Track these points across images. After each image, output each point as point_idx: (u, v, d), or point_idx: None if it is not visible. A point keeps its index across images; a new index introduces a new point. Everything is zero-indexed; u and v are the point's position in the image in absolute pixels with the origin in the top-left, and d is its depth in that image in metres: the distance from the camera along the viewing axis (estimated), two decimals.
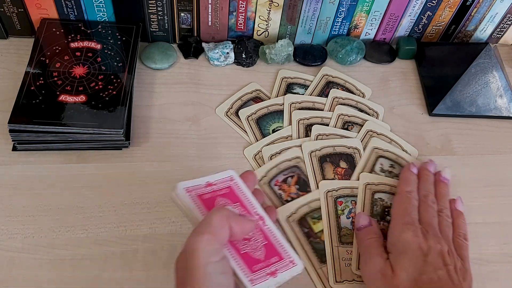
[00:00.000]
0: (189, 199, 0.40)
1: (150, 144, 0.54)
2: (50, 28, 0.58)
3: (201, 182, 0.41)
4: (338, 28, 0.64)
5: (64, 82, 0.53)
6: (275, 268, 0.39)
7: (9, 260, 0.45)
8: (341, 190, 0.52)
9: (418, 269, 0.43)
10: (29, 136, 0.50)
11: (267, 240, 0.41)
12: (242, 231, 0.38)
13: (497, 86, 0.60)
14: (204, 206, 0.40)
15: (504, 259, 0.50)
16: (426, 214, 0.48)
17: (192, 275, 0.34)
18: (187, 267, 0.35)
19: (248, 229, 0.39)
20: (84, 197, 0.49)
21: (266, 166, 0.53)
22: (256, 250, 0.40)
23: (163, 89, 0.59)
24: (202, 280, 0.34)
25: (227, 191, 0.42)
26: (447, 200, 0.51)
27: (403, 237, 0.45)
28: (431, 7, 0.62)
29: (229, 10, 0.60)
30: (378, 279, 0.44)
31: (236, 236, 0.38)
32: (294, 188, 0.52)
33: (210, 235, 0.36)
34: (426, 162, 0.54)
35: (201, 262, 0.35)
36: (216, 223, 0.37)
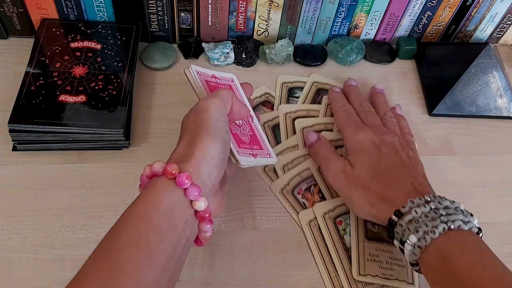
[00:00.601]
0: (198, 79, 0.47)
1: (150, 144, 0.54)
2: (50, 28, 0.58)
3: (209, 72, 0.49)
4: (338, 28, 0.64)
5: (64, 82, 0.53)
6: (256, 153, 0.47)
7: (9, 260, 0.45)
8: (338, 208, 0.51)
9: (375, 159, 0.47)
10: (29, 136, 0.50)
11: (253, 132, 0.48)
12: (240, 112, 0.45)
13: (497, 86, 0.60)
14: (209, 88, 0.47)
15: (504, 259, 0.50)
16: (367, 118, 0.52)
17: (204, 126, 0.39)
18: (199, 121, 0.40)
19: (244, 112, 0.46)
20: (84, 197, 0.49)
21: (289, 174, 0.52)
22: (243, 135, 0.47)
23: (163, 89, 0.59)
24: (213, 131, 0.39)
25: (227, 87, 0.48)
26: (387, 106, 0.55)
27: (357, 139, 0.49)
28: (431, 7, 0.62)
29: (229, 10, 0.60)
30: (341, 177, 0.47)
31: (233, 114, 0.44)
32: (317, 196, 0.51)
33: (220, 100, 0.42)
34: (346, 80, 0.58)
35: (212, 117, 0.40)
36: (224, 95, 0.42)
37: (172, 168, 0.36)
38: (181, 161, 0.37)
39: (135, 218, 0.34)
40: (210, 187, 0.38)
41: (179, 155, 0.39)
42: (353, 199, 0.46)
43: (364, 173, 0.46)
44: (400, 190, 0.44)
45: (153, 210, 0.34)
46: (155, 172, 0.37)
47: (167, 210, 0.35)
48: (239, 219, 0.49)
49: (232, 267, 0.47)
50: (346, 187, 0.47)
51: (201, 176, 0.37)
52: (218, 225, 0.49)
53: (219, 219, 0.49)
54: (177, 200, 0.36)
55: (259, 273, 0.46)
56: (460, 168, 0.56)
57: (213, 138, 0.39)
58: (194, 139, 0.38)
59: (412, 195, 0.42)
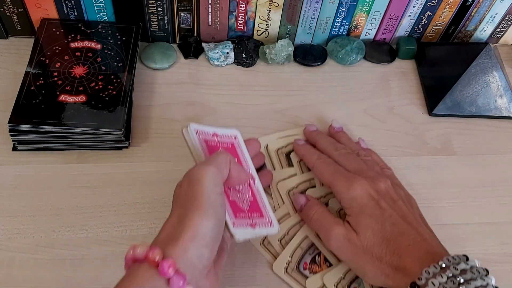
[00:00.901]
0: (197, 140, 0.43)
1: (150, 144, 0.54)
2: (50, 28, 0.58)
3: (209, 131, 0.45)
4: (338, 28, 0.64)
5: (64, 82, 0.53)
6: (255, 222, 0.43)
7: (9, 260, 0.45)
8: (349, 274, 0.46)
9: (378, 220, 0.43)
10: (29, 136, 0.50)
11: (253, 197, 0.44)
12: (238, 178, 0.41)
13: (497, 86, 0.60)
14: (207, 150, 0.43)
15: (504, 259, 0.50)
16: (349, 163, 0.48)
17: (196, 200, 0.36)
18: (192, 194, 0.36)
19: (243, 178, 0.42)
20: (84, 197, 0.49)
21: (289, 249, 0.47)
22: (242, 201, 0.43)
23: (163, 89, 0.59)
24: (206, 206, 0.36)
25: (228, 146, 0.46)
26: (355, 144, 0.53)
27: (352, 195, 0.44)
28: (431, 7, 0.62)
29: (229, 10, 0.60)
30: (346, 246, 0.43)
31: (231, 180, 0.40)
32: (325, 266, 0.47)
33: (216, 168, 0.38)
34: (305, 128, 0.55)
35: (206, 190, 0.36)
36: (221, 161, 0.39)
37: (155, 254, 0.33)
38: (167, 242, 0.34)
39: None
40: (200, 270, 0.35)
41: (166, 235, 0.35)
42: (366, 270, 0.42)
43: (371, 240, 0.42)
44: (412, 255, 0.40)
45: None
46: (137, 257, 0.33)
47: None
48: None
49: (232, 267, 0.47)
50: (354, 257, 0.43)
51: (189, 259, 0.34)
52: None
53: None
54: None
55: (259, 273, 0.46)
56: (460, 168, 0.56)
57: (204, 214, 0.35)
58: (184, 216, 0.35)
59: (424, 261, 0.39)
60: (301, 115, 0.58)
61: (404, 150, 0.57)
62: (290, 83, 0.62)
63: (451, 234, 0.50)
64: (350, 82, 0.63)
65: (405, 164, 0.55)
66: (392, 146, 0.57)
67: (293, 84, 0.62)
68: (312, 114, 0.59)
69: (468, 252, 0.49)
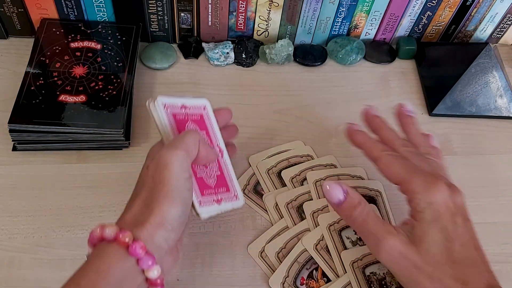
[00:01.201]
0: (165, 115, 0.41)
1: (150, 144, 0.54)
2: (50, 28, 0.58)
3: (177, 103, 0.43)
4: (338, 28, 0.64)
5: (64, 82, 0.53)
6: (221, 197, 0.43)
7: (9, 260, 0.45)
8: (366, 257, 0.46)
9: (449, 237, 0.37)
10: (29, 136, 0.50)
11: (221, 171, 0.44)
12: (206, 158, 0.40)
13: (497, 86, 0.60)
14: (176, 124, 0.42)
15: (504, 259, 0.50)
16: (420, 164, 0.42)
17: (164, 187, 0.35)
18: (159, 179, 0.36)
19: (211, 158, 0.41)
20: (84, 197, 0.49)
21: (286, 263, 0.46)
22: (209, 177, 0.43)
23: (163, 89, 0.59)
24: (173, 193, 0.35)
25: (197, 118, 0.44)
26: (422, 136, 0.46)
27: (432, 199, 0.38)
28: (431, 7, 0.62)
29: (229, 10, 0.60)
30: (400, 261, 0.38)
31: (199, 160, 0.39)
32: (322, 282, 0.45)
33: (185, 152, 0.37)
34: (365, 110, 0.47)
35: (173, 176, 0.36)
36: (189, 142, 0.38)
37: (125, 236, 0.33)
38: (135, 224, 0.35)
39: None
40: (166, 250, 0.35)
41: (133, 217, 0.35)
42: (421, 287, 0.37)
43: (434, 258, 0.37)
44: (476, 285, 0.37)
45: (102, 281, 0.32)
46: (106, 237, 0.34)
47: (117, 282, 0.33)
48: (239, 219, 0.49)
49: (232, 267, 0.47)
50: (409, 273, 0.38)
51: (156, 242, 0.34)
52: (218, 225, 0.49)
53: (219, 218, 0.49)
54: (129, 269, 0.33)
55: (259, 273, 0.46)
56: (460, 168, 0.56)
57: (172, 201, 0.35)
58: (152, 201, 0.35)
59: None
60: (301, 115, 0.58)
61: None
62: (290, 83, 0.62)
63: None
64: (350, 82, 0.63)
65: None
66: None
67: (293, 84, 0.62)
68: (312, 114, 0.59)
69: None
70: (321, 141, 0.56)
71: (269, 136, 0.56)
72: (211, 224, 0.49)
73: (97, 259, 0.33)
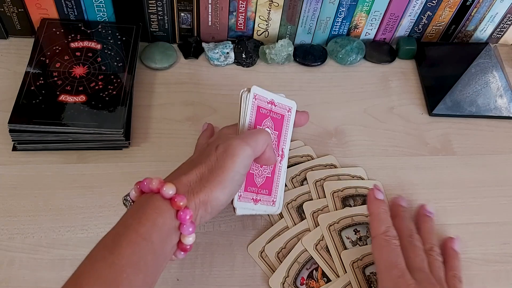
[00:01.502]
0: (251, 104, 0.45)
1: (150, 144, 0.54)
2: (50, 28, 0.58)
3: (267, 97, 0.46)
4: (338, 28, 0.64)
5: (64, 82, 0.53)
6: (260, 198, 0.45)
7: (9, 260, 0.45)
8: (366, 257, 0.47)
9: None
10: (29, 136, 0.50)
11: (272, 174, 0.46)
12: (266, 161, 0.43)
13: (497, 86, 0.60)
14: (256, 117, 0.45)
15: (504, 259, 0.50)
16: (415, 258, 0.43)
17: (222, 172, 0.38)
18: (222, 165, 0.39)
19: (270, 162, 0.44)
20: (84, 197, 0.49)
21: (286, 263, 0.46)
22: (259, 176, 0.45)
23: (163, 89, 0.59)
24: (226, 182, 0.38)
25: (278, 117, 0.47)
26: (435, 238, 0.47)
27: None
28: (431, 7, 0.62)
29: (229, 10, 0.60)
30: None
31: (259, 160, 0.43)
32: (322, 282, 0.45)
33: (252, 151, 0.40)
34: (397, 197, 0.50)
35: (235, 168, 0.39)
36: (260, 142, 0.41)
37: (179, 201, 0.36)
38: (187, 190, 0.38)
39: (140, 237, 0.34)
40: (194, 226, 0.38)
41: (188, 183, 0.38)
42: None
43: None
44: None
45: (156, 233, 0.35)
46: (164, 195, 0.37)
47: (166, 236, 0.36)
48: (239, 219, 0.49)
49: (232, 267, 0.47)
50: None
51: (195, 216, 0.38)
52: (218, 225, 0.49)
53: (219, 218, 0.49)
54: (174, 229, 0.37)
55: (259, 273, 0.46)
56: (460, 168, 0.56)
57: (223, 189, 0.38)
58: (207, 180, 0.38)
59: None
60: None
61: (404, 150, 0.57)
62: (290, 83, 0.62)
63: (451, 234, 0.50)
64: (350, 82, 0.63)
65: (405, 164, 0.55)
66: (392, 146, 0.57)
67: (293, 84, 0.62)
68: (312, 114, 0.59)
69: (468, 252, 0.50)
70: (321, 141, 0.56)
71: None
72: (211, 224, 0.49)
73: (153, 212, 0.36)
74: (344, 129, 0.58)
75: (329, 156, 0.55)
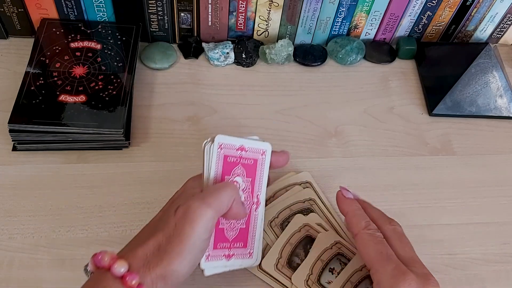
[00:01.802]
0: (215, 156, 0.40)
1: (150, 144, 0.54)
2: (50, 28, 0.58)
3: (236, 144, 0.42)
4: (338, 28, 0.64)
5: (64, 82, 0.53)
6: (233, 253, 0.41)
7: (9, 260, 0.45)
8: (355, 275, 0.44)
9: None
10: (29, 136, 0.50)
11: (247, 225, 0.43)
12: (235, 216, 0.40)
13: (497, 86, 0.60)
14: (223, 167, 0.41)
15: (504, 259, 0.50)
16: (402, 246, 0.41)
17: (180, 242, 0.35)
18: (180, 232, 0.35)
19: (240, 217, 0.41)
20: (84, 197, 0.49)
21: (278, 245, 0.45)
22: (231, 229, 0.42)
23: (163, 89, 0.59)
24: (185, 252, 0.35)
25: (250, 162, 0.43)
26: None
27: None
28: (431, 7, 0.62)
29: (229, 10, 0.60)
30: None
31: (227, 216, 0.39)
32: None
33: (215, 212, 0.37)
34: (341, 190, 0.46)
35: (194, 235, 0.35)
36: (224, 201, 0.38)
37: (131, 279, 0.33)
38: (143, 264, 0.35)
39: None
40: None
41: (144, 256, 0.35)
42: None
43: None
44: None
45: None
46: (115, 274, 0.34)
47: None
48: None
49: None
50: None
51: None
52: None
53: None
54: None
55: (258, 273, 0.46)
56: (460, 168, 0.56)
57: (182, 261, 0.35)
58: (165, 251, 0.35)
59: None
60: (301, 115, 0.58)
61: (404, 150, 0.57)
62: (290, 83, 0.62)
63: (451, 234, 0.50)
64: (350, 82, 0.63)
65: (405, 164, 0.55)
66: (392, 146, 0.57)
67: (293, 84, 0.62)
68: (312, 114, 0.59)
69: (468, 252, 0.50)
70: (321, 141, 0.56)
71: (269, 136, 0.56)
72: None
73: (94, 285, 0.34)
74: (344, 129, 0.58)
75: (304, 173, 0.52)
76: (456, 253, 0.49)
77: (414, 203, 0.52)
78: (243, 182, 0.42)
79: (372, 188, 0.53)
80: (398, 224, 0.43)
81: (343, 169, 0.54)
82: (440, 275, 0.40)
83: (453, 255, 0.49)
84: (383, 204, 0.52)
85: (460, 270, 0.48)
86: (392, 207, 0.51)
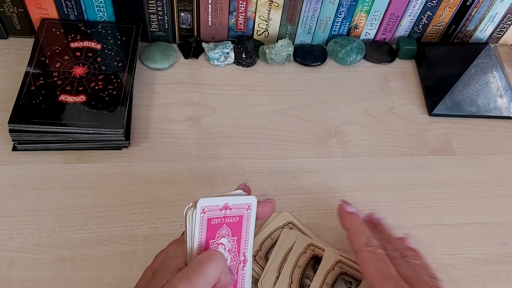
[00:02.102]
0: (198, 223, 0.38)
1: (150, 144, 0.54)
2: (50, 28, 0.58)
3: (219, 204, 0.39)
4: (338, 28, 0.64)
5: (64, 82, 0.53)
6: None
7: (9, 260, 0.45)
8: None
9: None
10: (29, 136, 0.50)
11: (234, 286, 0.41)
12: (223, 285, 0.37)
13: (497, 86, 0.60)
14: (207, 232, 0.39)
15: (504, 259, 0.50)
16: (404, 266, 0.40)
17: None
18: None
19: (228, 285, 0.38)
20: (84, 197, 0.49)
21: None
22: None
23: (163, 89, 0.59)
24: None
25: (235, 220, 0.41)
26: (396, 239, 0.44)
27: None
28: (431, 7, 0.62)
29: (229, 10, 0.60)
30: None
31: (215, 285, 0.37)
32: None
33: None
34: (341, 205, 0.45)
35: None
36: (211, 276, 0.35)
37: None
38: None
39: None
40: None
41: None
42: None
43: None
44: None
45: None
46: None
47: None
48: None
49: None
50: None
51: None
52: None
53: None
54: None
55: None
56: (460, 168, 0.56)
57: None
58: None
59: None
60: (301, 115, 0.58)
61: (404, 150, 0.57)
62: (290, 83, 0.62)
63: (451, 234, 0.50)
64: (350, 82, 0.63)
65: (405, 164, 0.55)
66: (392, 146, 0.57)
67: (293, 84, 0.62)
68: (312, 114, 0.59)
69: (468, 252, 0.50)
70: (321, 141, 0.56)
71: (269, 136, 0.56)
72: None
73: None
74: (344, 129, 0.58)
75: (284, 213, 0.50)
76: (456, 253, 0.49)
77: (414, 203, 0.52)
78: (228, 242, 0.40)
79: (372, 188, 0.53)
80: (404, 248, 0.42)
81: (343, 169, 0.54)
82: (440, 275, 0.40)
83: (453, 255, 0.49)
84: (383, 204, 0.52)
85: (460, 270, 0.48)
86: (392, 207, 0.52)
